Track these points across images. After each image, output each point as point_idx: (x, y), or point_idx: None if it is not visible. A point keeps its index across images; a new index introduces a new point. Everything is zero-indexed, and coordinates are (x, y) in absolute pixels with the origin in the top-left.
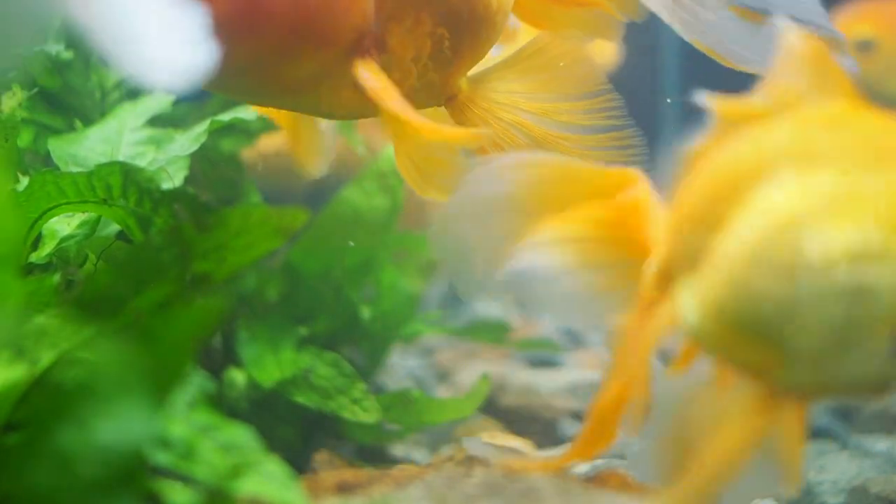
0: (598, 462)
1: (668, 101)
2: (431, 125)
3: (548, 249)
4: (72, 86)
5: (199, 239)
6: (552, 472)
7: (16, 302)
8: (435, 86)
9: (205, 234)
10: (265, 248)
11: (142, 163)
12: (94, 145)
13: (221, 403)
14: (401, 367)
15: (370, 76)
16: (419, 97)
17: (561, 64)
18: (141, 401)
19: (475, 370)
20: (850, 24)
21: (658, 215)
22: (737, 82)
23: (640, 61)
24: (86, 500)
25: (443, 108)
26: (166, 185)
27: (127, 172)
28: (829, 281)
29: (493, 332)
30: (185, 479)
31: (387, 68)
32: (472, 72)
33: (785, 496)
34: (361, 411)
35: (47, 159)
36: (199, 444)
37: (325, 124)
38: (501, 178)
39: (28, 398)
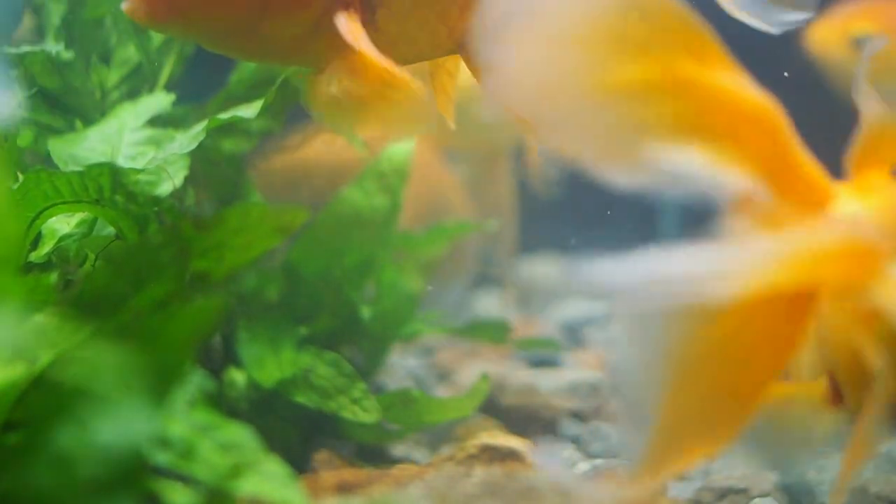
0: (598, 462)
1: None
2: (396, 71)
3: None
4: (72, 86)
5: (197, 237)
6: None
7: (15, 301)
8: (441, 35)
9: (203, 232)
10: (264, 246)
11: (142, 162)
12: (94, 145)
13: (221, 403)
14: (401, 366)
15: (347, 23)
16: (424, 47)
17: None
18: (140, 400)
19: (475, 370)
20: (850, 22)
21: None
22: None
23: None
24: (85, 500)
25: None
26: (165, 186)
27: (115, 174)
28: None
29: (493, 332)
30: (185, 479)
31: (385, 21)
32: None
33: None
34: (361, 411)
35: (47, 159)
36: (198, 444)
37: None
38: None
39: (27, 398)
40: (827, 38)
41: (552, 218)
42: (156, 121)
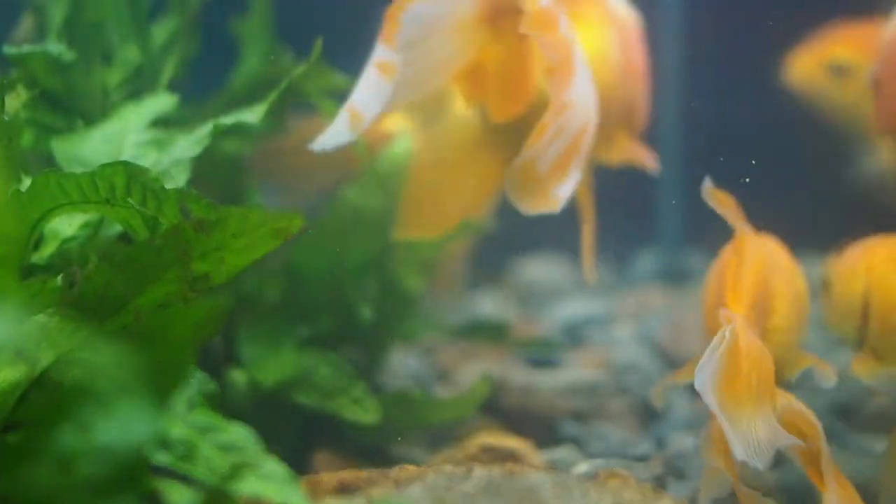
0: (598, 462)
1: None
2: None
3: None
4: (74, 86)
5: (198, 240)
6: None
7: (16, 302)
8: None
9: (204, 234)
10: (263, 249)
11: (145, 163)
12: (96, 145)
13: (221, 403)
14: (401, 367)
15: None
16: None
17: None
18: (141, 401)
19: (475, 370)
20: (826, 48)
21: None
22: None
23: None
24: (86, 500)
25: None
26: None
27: (131, 172)
28: None
29: (493, 332)
30: (185, 479)
31: None
32: None
33: None
34: (361, 411)
35: (49, 160)
36: (199, 444)
37: None
38: None
39: (28, 398)
40: (806, 66)
41: (551, 218)
42: (157, 121)
